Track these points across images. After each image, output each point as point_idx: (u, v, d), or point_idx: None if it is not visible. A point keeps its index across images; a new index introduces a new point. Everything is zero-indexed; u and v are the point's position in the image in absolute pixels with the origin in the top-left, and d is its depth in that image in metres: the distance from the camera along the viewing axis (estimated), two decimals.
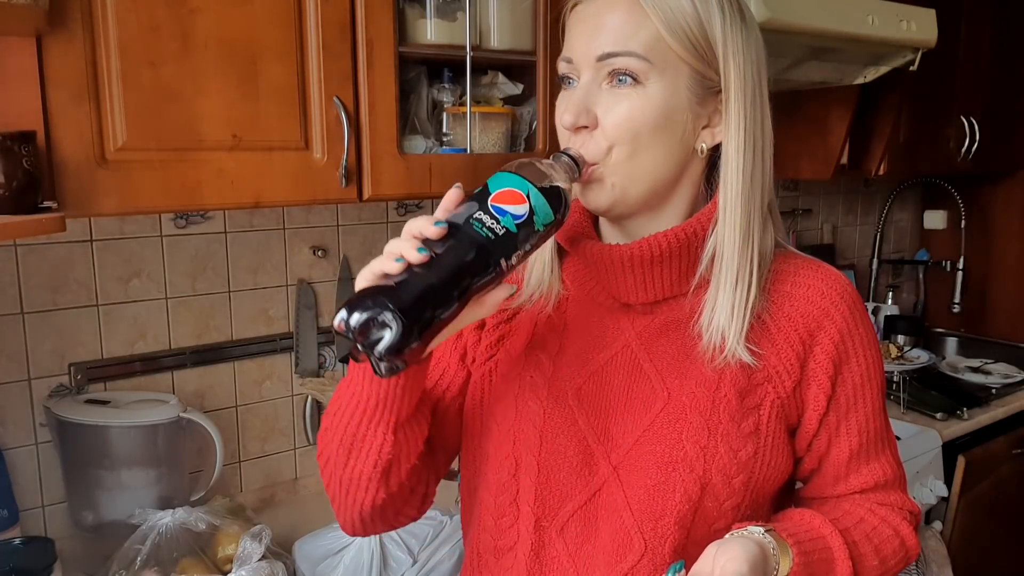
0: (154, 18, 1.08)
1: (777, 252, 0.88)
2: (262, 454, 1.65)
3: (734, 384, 0.82)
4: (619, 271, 0.84)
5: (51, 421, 1.38)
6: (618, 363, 0.85)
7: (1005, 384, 2.35)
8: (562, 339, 0.88)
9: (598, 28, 0.79)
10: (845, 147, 2.17)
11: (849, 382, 0.86)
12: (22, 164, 0.98)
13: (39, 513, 1.42)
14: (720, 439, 0.81)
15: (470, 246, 0.68)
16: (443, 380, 0.92)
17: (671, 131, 0.81)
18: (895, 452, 0.93)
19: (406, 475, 0.83)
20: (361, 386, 0.76)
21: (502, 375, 0.90)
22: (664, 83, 0.79)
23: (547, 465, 0.84)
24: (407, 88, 1.43)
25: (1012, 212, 2.79)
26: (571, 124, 0.80)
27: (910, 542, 0.91)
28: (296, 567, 1.33)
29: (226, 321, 1.57)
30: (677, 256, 0.83)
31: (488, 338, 0.92)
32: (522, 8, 1.44)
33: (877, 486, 0.91)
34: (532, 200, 0.71)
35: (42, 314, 1.39)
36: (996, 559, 2.35)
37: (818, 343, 0.84)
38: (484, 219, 0.69)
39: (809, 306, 0.85)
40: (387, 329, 0.62)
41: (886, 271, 2.92)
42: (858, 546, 0.85)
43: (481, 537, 0.91)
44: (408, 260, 0.67)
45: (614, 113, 0.79)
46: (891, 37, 1.66)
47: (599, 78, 0.80)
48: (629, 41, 0.78)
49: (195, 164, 1.14)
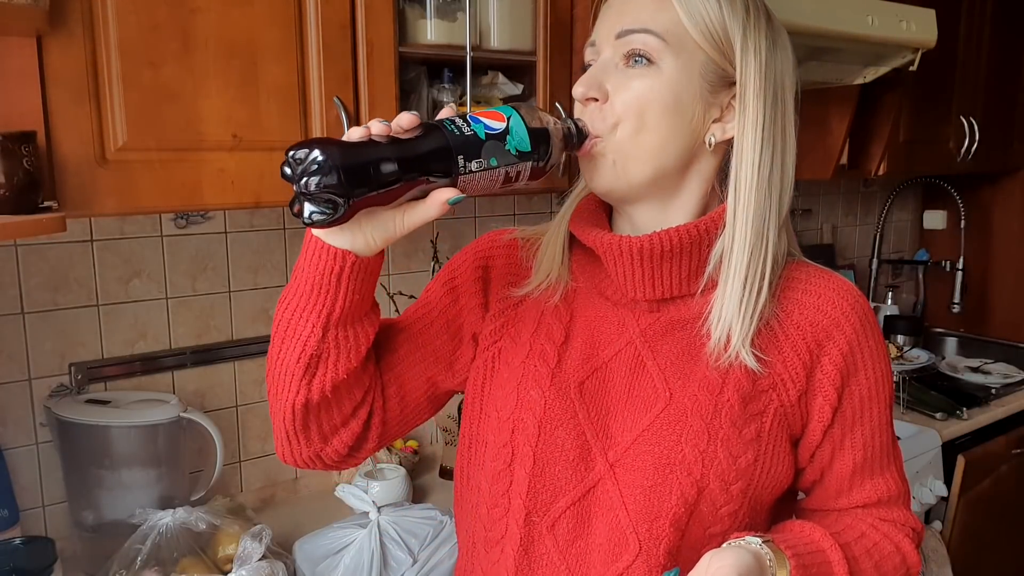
0: (154, 18, 1.08)
1: (790, 260, 0.87)
2: (262, 454, 1.65)
3: (738, 389, 0.81)
4: (627, 263, 0.84)
5: (51, 421, 1.38)
6: (622, 360, 0.85)
7: (1005, 384, 2.35)
8: (568, 330, 0.88)
9: (622, 11, 0.82)
10: (845, 147, 2.17)
11: (856, 395, 0.85)
12: (22, 164, 0.98)
13: (39, 513, 1.42)
14: (720, 444, 0.80)
15: (433, 136, 0.69)
16: (429, 313, 0.91)
17: (679, 115, 0.81)
18: (900, 468, 0.92)
19: (331, 386, 0.78)
20: (301, 268, 0.75)
21: (505, 362, 0.89)
22: (678, 65, 0.79)
23: (543, 457, 0.83)
24: (407, 88, 1.43)
25: (1012, 212, 2.79)
26: (582, 95, 0.81)
27: (912, 559, 0.89)
28: (296, 567, 1.33)
29: (226, 321, 1.58)
30: (687, 254, 0.83)
31: (493, 323, 0.91)
32: (522, 8, 1.44)
33: (880, 502, 0.89)
34: (512, 123, 0.73)
35: (42, 314, 1.39)
36: (996, 559, 2.35)
37: (826, 353, 0.83)
38: (457, 121, 0.71)
39: (819, 315, 0.84)
40: (319, 169, 0.63)
41: (886, 271, 2.92)
42: (858, 562, 0.84)
43: (475, 527, 0.89)
44: (369, 129, 0.68)
45: (624, 89, 0.80)
46: (891, 37, 1.66)
47: (617, 56, 0.81)
48: (648, 20, 0.80)
49: (195, 164, 1.14)
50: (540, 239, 0.93)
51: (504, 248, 0.95)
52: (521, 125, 0.73)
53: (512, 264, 0.94)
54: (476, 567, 0.90)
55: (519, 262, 0.94)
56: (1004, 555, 2.39)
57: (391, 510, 1.39)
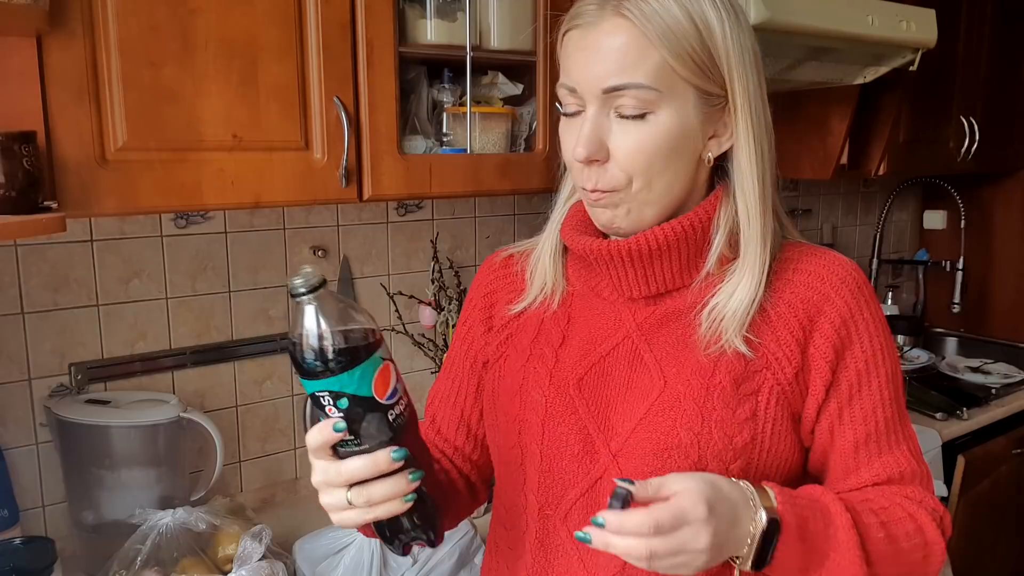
0: (154, 18, 1.08)
1: (785, 242, 0.88)
2: (262, 454, 1.65)
3: (729, 371, 0.82)
4: (619, 266, 0.85)
5: (51, 421, 1.38)
6: (619, 353, 0.86)
7: (1005, 384, 2.35)
8: (565, 331, 0.90)
9: (600, 56, 0.78)
10: (845, 147, 2.16)
11: (852, 368, 0.84)
12: (22, 164, 0.98)
13: (39, 513, 1.42)
14: (714, 425, 0.80)
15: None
16: (466, 397, 0.98)
17: (682, 153, 0.82)
18: (915, 450, 0.88)
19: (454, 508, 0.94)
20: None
21: (508, 369, 0.92)
22: (673, 109, 0.79)
23: (549, 453, 0.85)
24: (407, 88, 1.43)
25: (1012, 212, 2.79)
26: (585, 158, 0.80)
27: (931, 534, 0.83)
28: (296, 567, 1.33)
29: (226, 321, 1.57)
30: (676, 249, 0.84)
31: (497, 338, 0.95)
32: (522, 8, 1.44)
33: (891, 480, 0.85)
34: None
35: (42, 314, 1.39)
36: (996, 559, 2.35)
37: (818, 328, 0.83)
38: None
39: (809, 291, 0.84)
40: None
41: (886, 271, 2.92)
42: (861, 516, 0.80)
43: (497, 527, 0.95)
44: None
45: (627, 145, 0.80)
46: (891, 37, 1.66)
47: (607, 108, 0.80)
48: (635, 72, 0.77)
49: (195, 164, 1.14)
50: (534, 250, 0.96)
51: (499, 270, 0.99)
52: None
53: (509, 282, 0.97)
54: (501, 564, 0.94)
55: (516, 276, 0.97)
56: (1004, 555, 2.39)
57: None
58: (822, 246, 0.89)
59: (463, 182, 1.41)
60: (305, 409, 0.67)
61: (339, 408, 0.67)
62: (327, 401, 0.67)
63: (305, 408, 0.68)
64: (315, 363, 0.66)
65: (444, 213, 1.84)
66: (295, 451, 1.68)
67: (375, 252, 1.75)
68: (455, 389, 1.00)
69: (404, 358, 1.81)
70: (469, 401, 0.98)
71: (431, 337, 1.82)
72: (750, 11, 1.40)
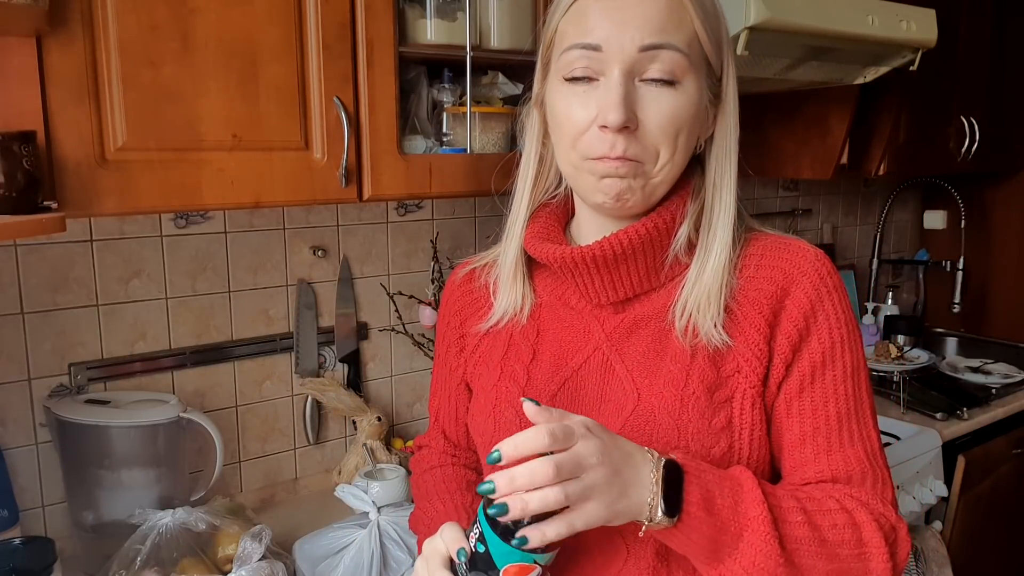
0: (154, 18, 1.08)
1: (750, 235, 0.86)
2: (262, 454, 1.65)
3: (702, 380, 0.80)
4: (584, 272, 0.84)
5: (51, 421, 1.37)
6: (591, 366, 0.85)
7: (1005, 384, 2.34)
8: (535, 346, 0.89)
9: (640, 11, 0.75)
10: (845, 147, 2.16)
11: (807, 358, 0.81)
12: (22, 164, 0.98)
13: (39, 513, 1.42)
14: (691, 437, 0.79)
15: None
16: (467, 411, 0.98)
17: (694, 132, 0.81)
18: (871, 451, 0.82)
19: None
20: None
21: (481, 388, 0.91)
22: (696, 83, 0.79)
23: None
24: (407, 88, 1.43)
25: (1012, 212, 2.79)
26: (620, 123, 0.76)
27: (868, 533, 0.75)
28: (296, 567, 1.33)
29: (226, 321, 1.57)
30: (641, 252, 0.82)
31: (471, 357, 0.95)
32: (522, 8, 1.44)
33: (836, 479, 0.80)
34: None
35: (42, 314, 1.39)
36: (996, 559, 2.35)
37: (784, 310, 0.81)
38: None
39: (771, 285, 0.82)
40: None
41: (886, 271, 2.92)
42: (780, 499, 0.74)
43: None
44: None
45: (658, 114, 0.77)
46: (891, 37, 1.66)
47: (635, 72, 0.77)
48: (674, 33, 0.76)
49: (195, 164, 1.14)
50: (495, 264, 0.94)
51: (460, 288, 0.98)
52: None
53: (474, 299, 0.96)
54: None
55: (480, 292, 0.96)
56: (1004, 555, 2.39)
57: (391, 510, 1.39)
58: (789, 236, 0.87)
59: (463, 182, 1.41)
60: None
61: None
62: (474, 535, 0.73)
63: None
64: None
65: (444, 213, 1.84)
66: (295, 451, 1.68)
67: (375, 252, 1.75)
68: (454, 406, 1.00)
69: (404, 358, 1.82)
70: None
71: (431, 337, 1.82)
72: (750, 11, 1.40)
